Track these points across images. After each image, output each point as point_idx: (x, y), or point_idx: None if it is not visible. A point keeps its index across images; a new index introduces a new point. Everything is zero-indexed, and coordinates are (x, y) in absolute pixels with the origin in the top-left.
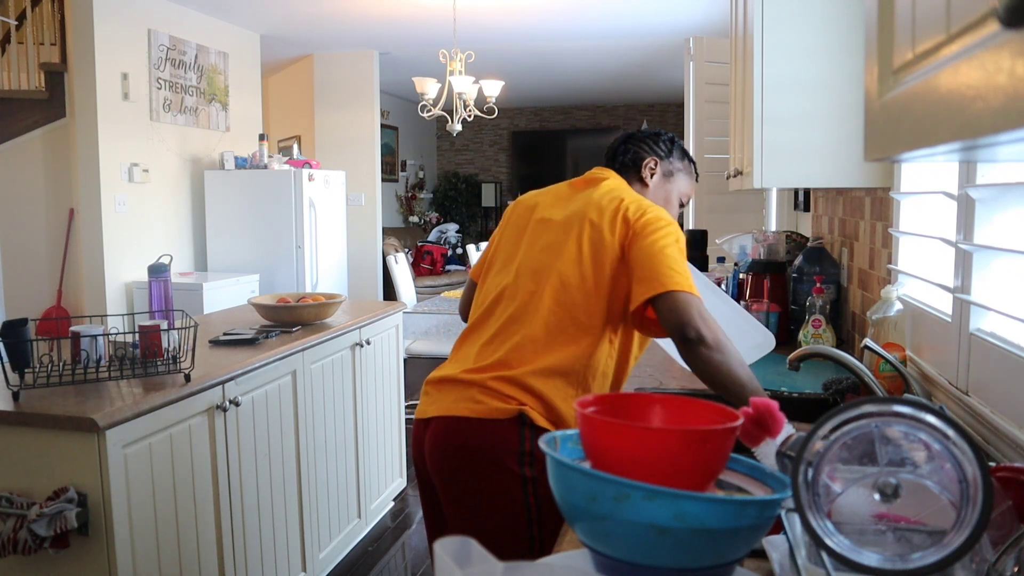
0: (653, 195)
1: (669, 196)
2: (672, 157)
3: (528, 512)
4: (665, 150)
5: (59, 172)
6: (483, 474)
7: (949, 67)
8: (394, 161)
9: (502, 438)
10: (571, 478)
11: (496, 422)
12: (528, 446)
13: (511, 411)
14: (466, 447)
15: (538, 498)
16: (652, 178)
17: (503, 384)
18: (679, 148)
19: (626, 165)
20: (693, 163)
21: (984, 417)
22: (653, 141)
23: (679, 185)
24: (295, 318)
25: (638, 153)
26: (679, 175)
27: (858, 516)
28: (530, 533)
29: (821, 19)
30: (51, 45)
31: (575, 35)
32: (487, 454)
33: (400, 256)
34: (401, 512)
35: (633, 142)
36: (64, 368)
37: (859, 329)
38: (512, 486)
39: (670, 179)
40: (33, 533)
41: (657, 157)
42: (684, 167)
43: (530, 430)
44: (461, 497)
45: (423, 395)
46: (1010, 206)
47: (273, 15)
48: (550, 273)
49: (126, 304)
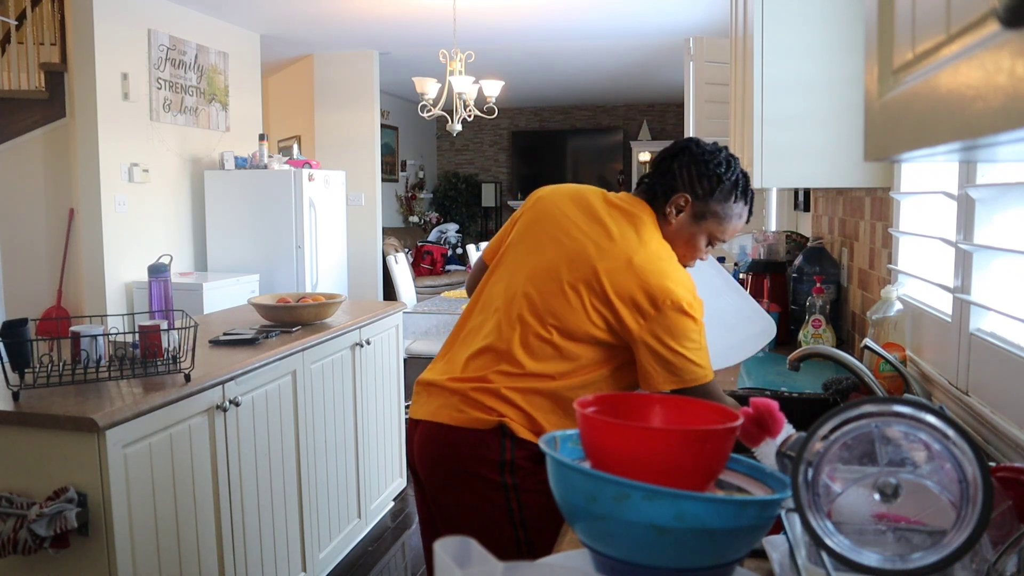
0: (674, 237)
1: (693, 239)
2: (711, 199)
3: (511, 515)
4: (706, 188)
5: (59, 172)
6: (463, 480)
7: (949, 67)
8: (394, 161)
9: (482, 447)
10: (571, 478)
11: (477, 432)
12: (508, 456)
13: (491, 422)
14: (447, 454)
15: (520, 503)
16: (677, 216)
17: (484, 396)
18: (728, 186)
19: (655, 192)
20: (748, 200)
21: (984, 417)
22: (698, 172)
23: (711, 228)
24: (295, 318)
25: (673, 183)
26: (713, 220)
27: (858, 516)
28: (516, 536)
29: (821, 19)
30: (51, 45)
31: (575, 35)
32: (466, 462)
33: (400, 256)
34: (401, 512)
35: (678, 164)
36: (64, 368)
37: (859, 329)
38: (493, 493)
39: (700, 223)
40: (33, 533)
41: (691, 195)
42: (725, 211)
43: (511, 441)
44: (445, 501)
45: (415, 394)
46: (1010, 206)
47: (273, 15)
48: (547, 311)
49: (126, 304)
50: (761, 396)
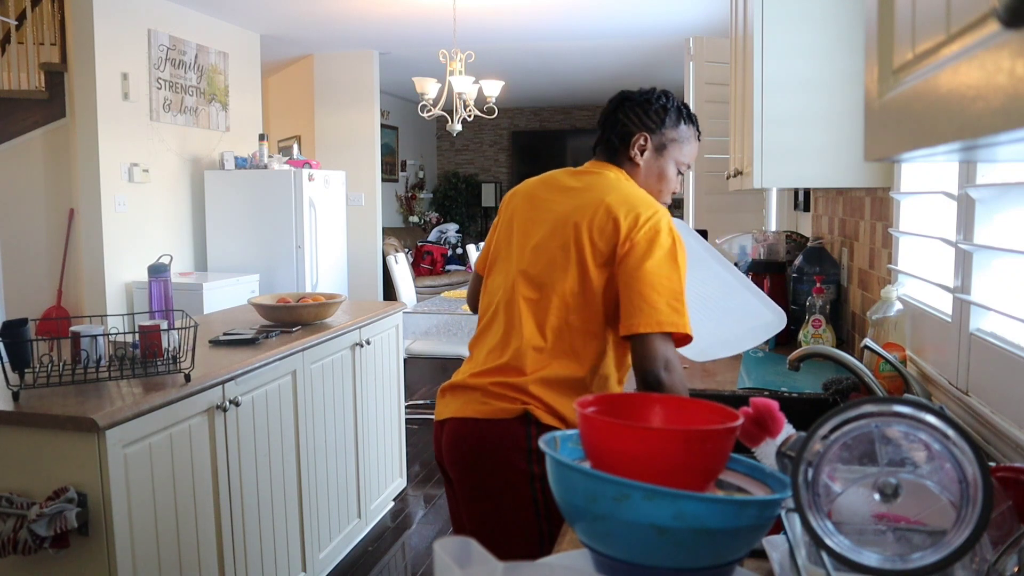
0: (645, 175)
1: (663, 171)
2: (664, 127)
3: (536, 507)
4: (656, 121)
5: (59, 172)
6: (492, 471)
7: (949, 67)
8: (394, 161)
9: (509, 436)
10: (571, 478)
11: (503, 421)
12: (534, 444)
13: (516, 410)
14: (476, 446)
15: (545, 494)
16: (643, 156)
17: (505, 388)
18: (673, 112)
19: (613, 145)
20: (693, 121)
21: (984, 417)
22: (643, 111)
23: (675, 155)
24: (295, 318)
25: (626, 128)
26: (673, 146)
27: (858, 516)
28: (539, 527)
29: (821, 19)
30: (51, 45)
31: (575, 35)
32: (495, 452)
33: (400, 256)
34: (401, 512)
35: (623, 113)
36: (64, 368)
37: (859, 329)
38: (519, 482)
39: (663, 153)
40: (33, 533)
41: (647, 132)
42: (679, 135)
43: (536, 428)
44: (474, 493)
45: (439, 399)
46: (1010, 206)
47: (273, 15)
48: (546, 281)
49: (126, 304)
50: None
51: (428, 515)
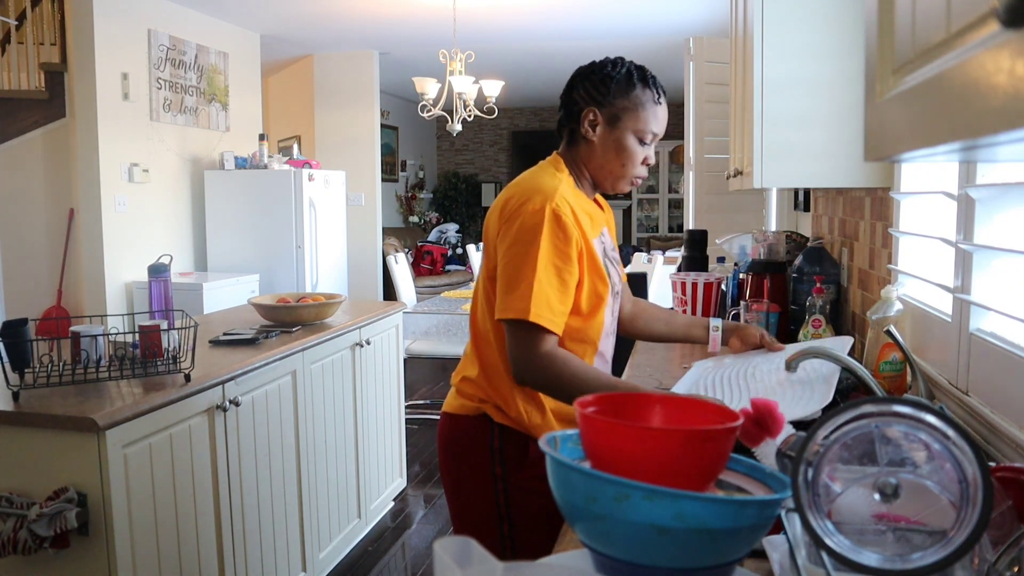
0: (602, 152)
1: (621, 143)
2: (612, 96)
3: (498, 509)
4: (603, 91)
5: (59, 172)
6: (459, 466)
7: (949, 67)
8: (394, 161)
9: (476, 433)
10: (571, 478)
11: (468, 418)
12: (497, 443)
13: (475, 408)
14: (446, 441)
15: (507, 496)
16: (596, 132)
17: (464, 384)
18: (621, 79)
19: (567, 127)
20: (650, 85)
21: (984, 417)
22: (591, 84)
23: (630, 124)
24: (295, 318)
25: (576, 106)
26: (627, 115)
27: (858, 516)
28: (500, 530)
29: (821, 19)
30: (51, 45)
31: (575, 35)
32: (462, 448)
33: (400, 256)
34: (401, 512)
35: (575, 91)
36: (64, 368)
37: (859, 329)
38: (483, 481)
39: (616, 124)
40: (33, 533)
41: (595, 106)
42: (632, 101)
43: (497, 428)
44: (447, 488)
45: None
46: (1010, 206)
47: (273, 15)
48: (488, 285)
49: (126, 304)
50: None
51: (428, 515)
